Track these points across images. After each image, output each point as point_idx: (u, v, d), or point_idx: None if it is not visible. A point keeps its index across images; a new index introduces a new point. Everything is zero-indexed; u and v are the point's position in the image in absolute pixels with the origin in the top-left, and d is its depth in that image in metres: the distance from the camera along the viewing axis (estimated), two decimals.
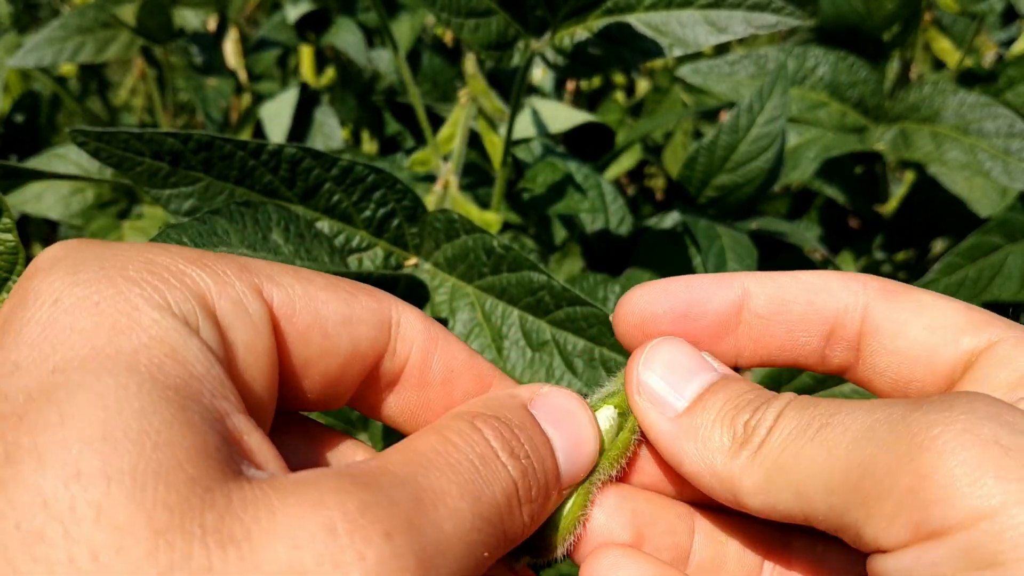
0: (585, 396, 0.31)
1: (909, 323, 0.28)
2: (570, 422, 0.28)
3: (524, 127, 0.88)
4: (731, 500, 0.26)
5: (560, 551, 0.29)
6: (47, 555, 0.17)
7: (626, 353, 0.41)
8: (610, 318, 0.32)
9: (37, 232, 1.32)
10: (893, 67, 1.12)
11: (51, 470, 0.18)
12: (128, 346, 0.20)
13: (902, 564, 0.21)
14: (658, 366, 0.29)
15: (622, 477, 0.30)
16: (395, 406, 0.30)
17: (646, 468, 0.31)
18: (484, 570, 0.23)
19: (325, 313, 0.26)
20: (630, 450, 0.30)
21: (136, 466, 0.18)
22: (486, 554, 0.23)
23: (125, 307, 0.21)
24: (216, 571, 0.18)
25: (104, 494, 0.18)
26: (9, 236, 0.40)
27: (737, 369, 0.31)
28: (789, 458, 0.24)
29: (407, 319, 0.29)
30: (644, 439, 0.30)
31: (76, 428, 0.19)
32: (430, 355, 0.29)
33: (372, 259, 0.53)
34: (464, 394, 0.30)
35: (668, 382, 0.29)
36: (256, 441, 0.22)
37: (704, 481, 0.27)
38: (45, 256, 0.23)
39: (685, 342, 0.30)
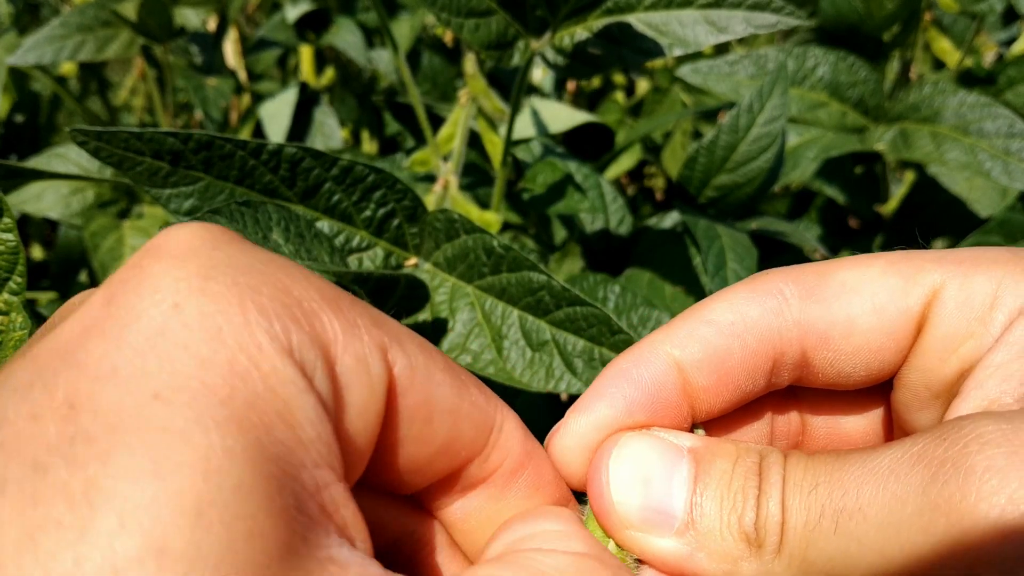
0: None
1: (853, 314, 0.26)
2: None
3: (524, 127, 0.88)
4: None
5: None
6: None
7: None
8: (545, 446, 0.29)
9: (37, 232, 1.32)
10: (893, 67, 1.13)
11: (130, 539, 0.16)
12: (242, 396, 0.18)
13: None
14: (632, 484, 0.26)
15: None
16: (461, 510, 0.27)
17: None
18: None
19: (437, 397, 0.24)
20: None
21: (222, 558, 0.16)
22: None
23: (248, 344, 0.19)
24: None
25: (189, 566, 0.16)
26: (9, 236, 0.40)
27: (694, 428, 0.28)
28: (817, 554, 0.22)
29: (508, 427, 0.26)
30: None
31: (169, 490, 0.16)
32: (522, 468, 0.27)
33: (372, 259, 0.53)
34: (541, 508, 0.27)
35: (652, 498, 0.25)
36: (351, 514, 0.20)
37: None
38: (178, 239, 0.20)
39: (642, 434, 0.27)
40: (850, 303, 0.26)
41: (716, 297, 0.28)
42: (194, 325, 0.18)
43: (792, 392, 0.30)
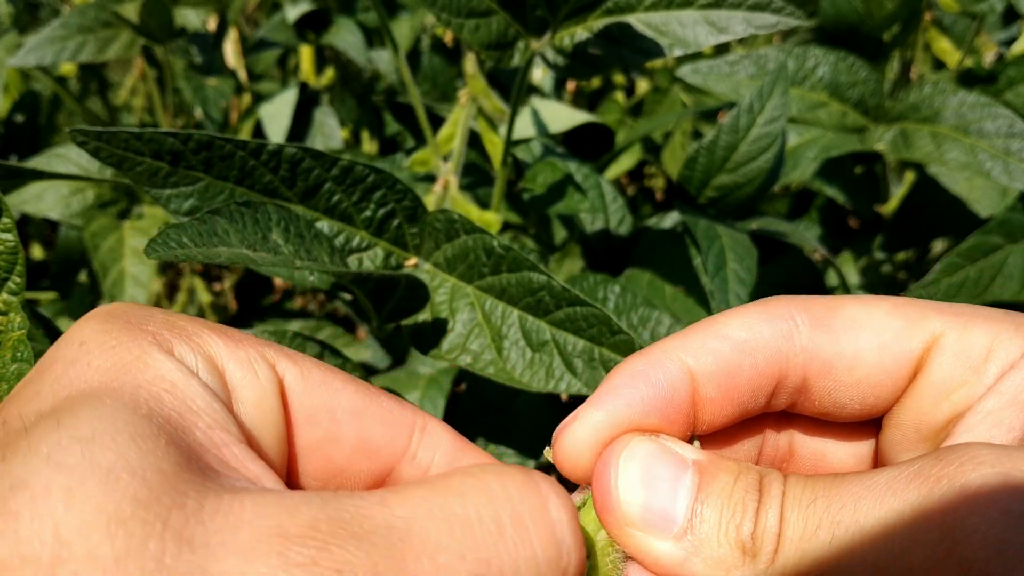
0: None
1: (859, 349, 0.28)
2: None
3: (524, 127, 0.88)
4: None
5: None
6: (15, 529, 0.19)
7: (625, 355, 0.40)
8: (547, 457, 0.30)
9: (37, 232, 1.32)
10: (893, 67, 1.12)
11: (34, 459, 0.20)
12: (132, 381, 0.22)
13: None
14: (638, 485, 0.26)
15: None
16: None
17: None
18: None
19: (337, 400, 0.27)
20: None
21: (114, 462, 0.20)
22: None
23: (136, 350, 0.23)
24: (167, 567, 0.19)
25: (78, 481, 0.19)
26: (9, 236, 0.40)
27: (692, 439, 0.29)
28: (810, 564, 0.23)
29: (433, 428, 0.28)
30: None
31: (69, 430, 0.20)
32: (457, 464, 0.28)
33: (372, 259, 0.53)
34: None
35: (655, 501, 0.26)
36: (260, 468, 0.23)
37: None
38: (88, 313, 0.25)
39: (651, 439, 0.28)
40: (857, 337, 0.28)
41: (730, 314, 0.29)
42: (95, 349, 0.23)
43: (785, 416, 0.32)
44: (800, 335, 0.28)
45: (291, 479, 0.27)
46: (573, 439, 0.28)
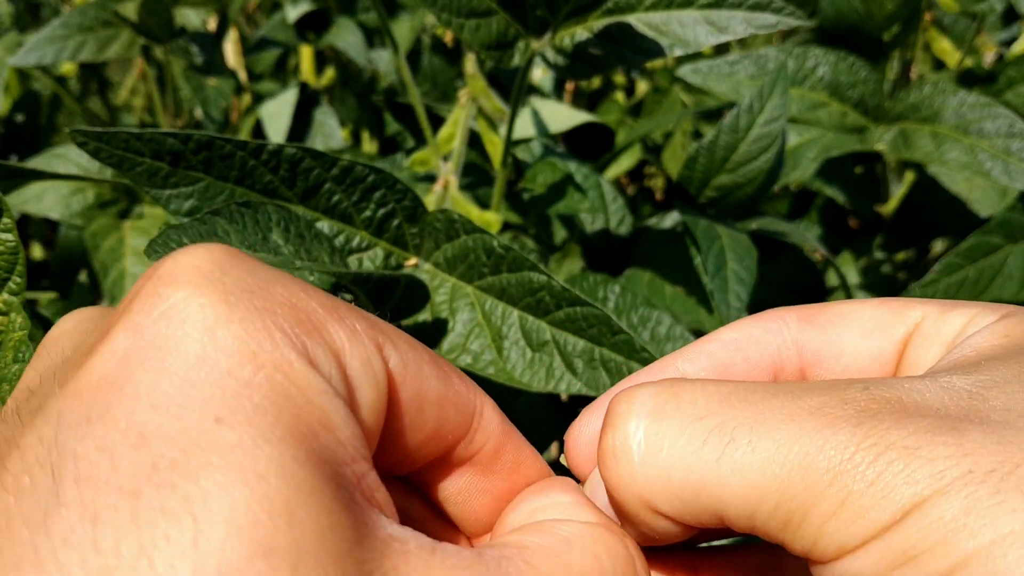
0: None
1: (843, 338, 0.29)
2: None
3: (524, 127, 0.88)
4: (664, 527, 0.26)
5: None
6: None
7: (626, 355, 0.41)
8: (563, 461, 0.32)
9: (37, 232, 1.32)
10: (893, 67, 1.12)
11: (240, 543, 0.17)
12: (289, 411, 0.20)
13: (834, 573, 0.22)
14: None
15: None
16: (452, 487, 0.29)
17: None
18: None
19: (426, 388, 0.26)
20: None
21: (319, 550, 0.18)
22: None
23: (282, 363, 0.20)
24: None
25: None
26: (9, 236, 0.40)
27: None
28: (692, 478, 0.24)
29: (488, 412, 0.29)
30: None
31: (260, 497, 0.18)
32: (503, 447, 0.29)
33: (372, 259, 0.53)
34: (527, 484, 0.30)
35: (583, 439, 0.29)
36: (383, 496, 0.22)
37: (628, 508, 0.26)
38: (188, 264, 0.22)
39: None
40: (843, 328, 0.29)
41: (725, 326, 0.31)
42: (231, 351, 0.20)
43: None
44: (789, 330, 0.30)
45: None
46: (580, 441, 0.30)
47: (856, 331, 0.29)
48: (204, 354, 0.19)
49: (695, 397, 0.25)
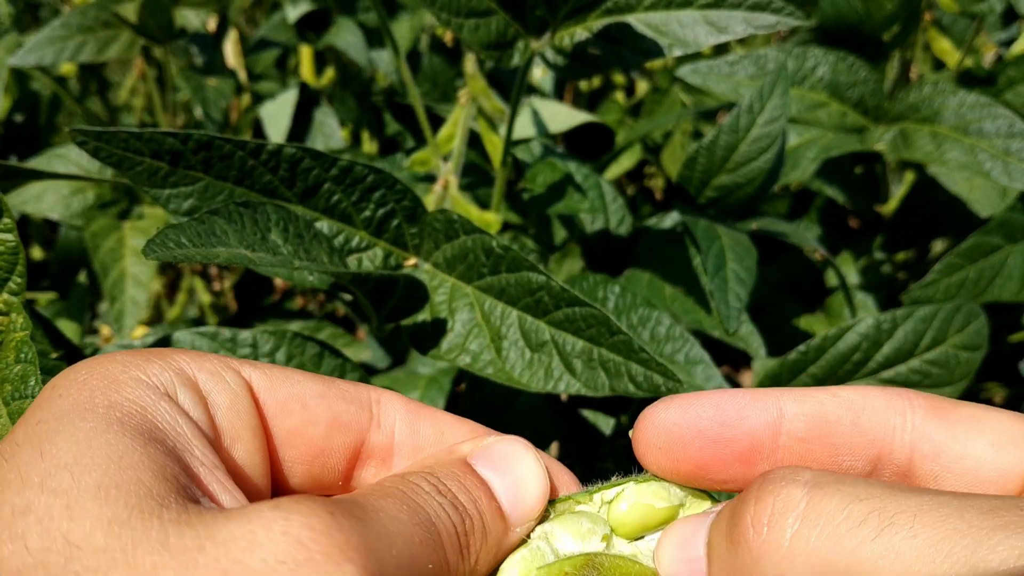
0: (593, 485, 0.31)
1: (971, 442, 0.27)
2: (510, 465, 0.29)
3: (524, 127, 0.88)
4: None
5: None
6: (25, 544, 0.21)
7: (624, 355, 0.40)
8: (630, 434, 0.31)
9: (38, 232, 1.32)
10: (893, 67, 1.12)
11: (28, 488, 0.22)
12: (103, 402, 0.24)
13: None
14: (671, 547, 0.28)
15: None
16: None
17: None
18: None
19: (302, 387, 0.30)
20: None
21: (100, 481, 0.22)
22: (430, 568, 0.25)
23: (106, 377, 0.25)
24: (172, 544, 0.21)
25: (75, 499, 0.21)
26: (9, 236, 0.40)
27: None
28: (843, 555, 0.23)
29: (387, 397, 0.31)
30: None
31: (52, 458, 0.22)
32: (416, 423, 0.31)
33: (371, 259, 0.53)
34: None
35: (680, 555, 0.28)
36: (220, 489, 0.25)
37: None
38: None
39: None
40: (974, 431, 0.27)
41: (848, 385, 0.29)
42: (65, 387, 0.25)
43: None
44: (914, 414, 0.28)
45: (275, 471, 0.30)
46: (651, 432, 0.30)
47: (989, 439, 0.27)
48: (45, 399, 0.25)
49: (857, 482, 0.24)
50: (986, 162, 0.84)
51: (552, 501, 0.30)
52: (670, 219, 0.85)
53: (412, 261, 0.54)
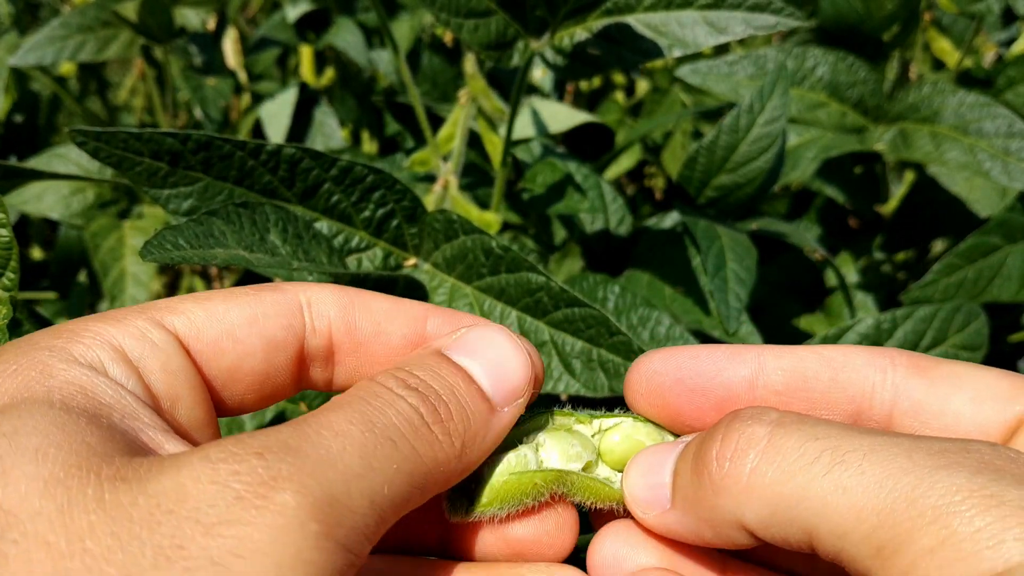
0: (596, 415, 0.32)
1: (951, 398, 0.28)
2: (489, 348, 0.30)
3: (524, 127, 0.88)
4: (740, 541, 0.26)
5: (493, 509, 0.29)
6: None
7: (624, 356, 0.41)
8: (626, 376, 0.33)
9: (37, 232, 1.32)
10: (893, 67, 1.12)
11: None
12: (41, 389, 0.24)
13: None
14: (638, 472, 0.29)
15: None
16: (344, 375, 0.31)
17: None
18: (414, 498, 0.25)
19: (229, 320, 0.29)
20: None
21: (40, 443, 0.22)
22: (395, 468, 0.25)
23: (37, 365, 0.25)
24: (107, 502, 0.21)
25: (10, 464, 0.21)
26: (3, 232, 0.40)
27: None
28: (795, 490, 0.24)
29: (317, 296, 0.31)
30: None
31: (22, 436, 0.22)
32: (351, 318, 0.31)
33: (371, 259, 0.53)
34: (402, 338, 0.31)
35: (645, 481, 0.29)
36: (174, 449, 0.24)
37: (703, 535, 0.27)
38: None
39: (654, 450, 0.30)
40: (954, 387, 0.28)
41: (831, 345, 0.30)
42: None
43: None
44: (895, 372, 0.29)
45: (225, 409, 0.30)
46: (642, 378, 0.31)
47: (969, 394, 0.28)
48: None
49: (818, 422, 0.25)
50: (986, 162, 0.84)
51: (555, 411, 0.32)
52: (670, 219, 0.85)
53: (412, 261, 0.54)
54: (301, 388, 0.31)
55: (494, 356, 0.29)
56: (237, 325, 0.29)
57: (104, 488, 0.21)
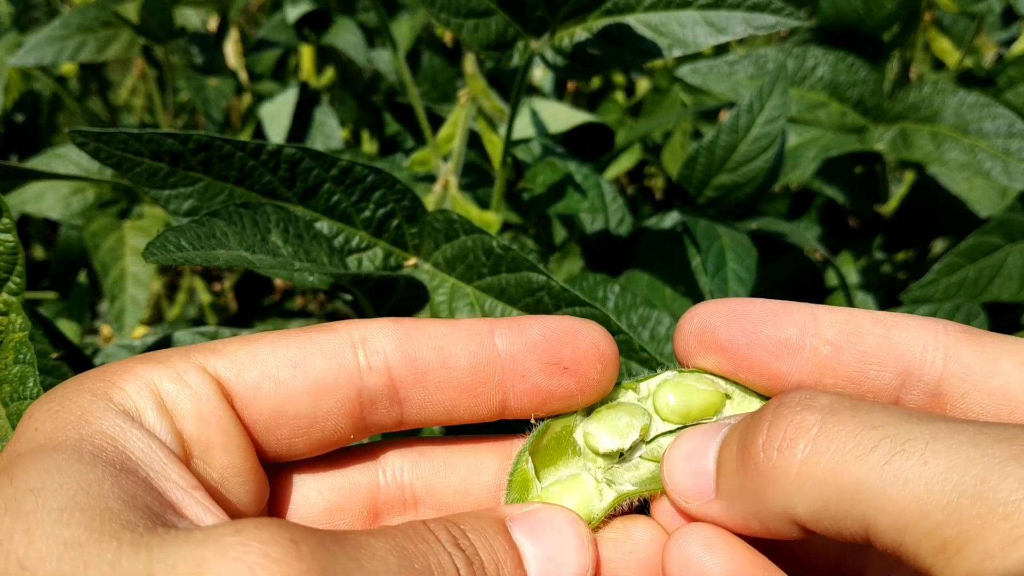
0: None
1: (1000, 361, 0.27)
2: (551, 534, 0.28)
3: (524, 127, 0.88)
4: (790, 533, 0.25)
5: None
6: None
7: (624, 355, 0.40)
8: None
9: (38, 232, 1.32)
10: (893, 67, 1.12)
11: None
12: (75, 436, 0.24)
13: None
14: (679, 459, 0.29)
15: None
16: (414, 411, 0.30)
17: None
18: None
19: (272, 363, 0.28)
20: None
21: (65, 505, 0.22)
22: None
23: (76, 410, 0.25)
24: (124, 567, 0.21)
25: (36, 523, 0.21)
26: (8, 236, 0.40)
27: None
28: (852, 481, 0.23)
29: (371, 332, 0.29)
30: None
31: (21, 484, 0.23)
32: (410, 348, 0.29)
33: (371, 259, 0.53)
34: (469, 356, 0.30)
35: (687, 469, 0.28)
36: (200, 511, 0.25)
37: (750, 526, 0.26)
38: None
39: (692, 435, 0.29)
40: (1004, 351, 0.27)
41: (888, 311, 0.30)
42: (41, 418, 0.26)
43: None
44: (948, 336, 0.28)
45: (272, 454, 0.29)
46: (693, 331, 0.30)
47: (1017, 359, 0.27)
48: (24, 430, 0.26)
49: (873, 408, 0.24)
50: (986, 162, 0.84)
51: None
52: (670, 219, 0.85)
53: (412, 261, 0.54)
54: (368, 432, 0.30)
55: (554, 544, 0.28)
56: (279, 367, 0.28)
57: (123, 554, 0.21)
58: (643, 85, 1.35)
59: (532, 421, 0.31)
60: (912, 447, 0.22)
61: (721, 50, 1.19)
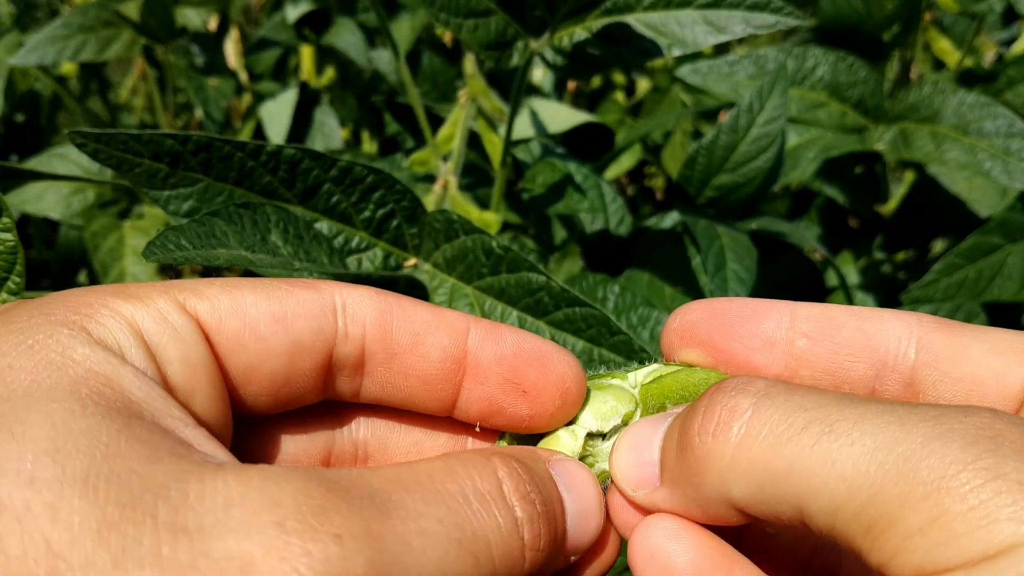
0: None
1: (971, 348, 0.27)
2: (583, 490, 0.27)
3: (524, 127, 0.88)
4: (730, 518, 0.25)
5: None
6: (4, 551, 0.19)
7: (625, 355, 0.41)
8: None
9: (38, 232, 1.32)
10: (893, 67, 1.13)
11: (6, 478, 0.20)
12: (66, 379, 0.22)
13: None
14: (626, 449, 0.28)
15: None
16: (372, 388, 0.29)
17: None
18: None
19: (255, 315, 0.27)
20: None
21: (88, 472, 0.20)
22: None
23: (55, 345, 0.23)
24: (165, 557, 0.19)
25: (59, 496, 0.19)
26: (8, 236, 0.40)
27: None
28: (783, 463, 0.23)
29: (353, 299, 0.28)
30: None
31: (29, 442, 0.20)
32: (388, 326, 0.29)
33: (371, 260, 0.53)
34: (440, 350, 0.29)
35: (633, 459, 0.28)
36: (212, 445, 0.23)
37: (692, 513, 0.26)
38: None
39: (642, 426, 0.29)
40: (974, 338, 0.28)
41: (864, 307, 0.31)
42: (10, 351, 0.23)
43: None
44: (920, 326, 0.28)
45: (238, 405, 0.28)
46: (680, 327, 0.31)
47: (986, 346, 0.27)
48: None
49: (807, 392, 0.24)
50: (986, 162, 0.84)
51: (590, 377, 0.31)
52: (670, 219, 0.86)
53: (412, 261, 0.54)
54: (324, 397, 0.29)
55: (585, 499, 0.27)
56: (262, 321, 0.27)
57: (162, 540, 0.19)
58: (643, 85, 1.36)
59: (477, 428, 0.31)
60: (840, 427, 0.22)
61: (721, 50, 1.19)
